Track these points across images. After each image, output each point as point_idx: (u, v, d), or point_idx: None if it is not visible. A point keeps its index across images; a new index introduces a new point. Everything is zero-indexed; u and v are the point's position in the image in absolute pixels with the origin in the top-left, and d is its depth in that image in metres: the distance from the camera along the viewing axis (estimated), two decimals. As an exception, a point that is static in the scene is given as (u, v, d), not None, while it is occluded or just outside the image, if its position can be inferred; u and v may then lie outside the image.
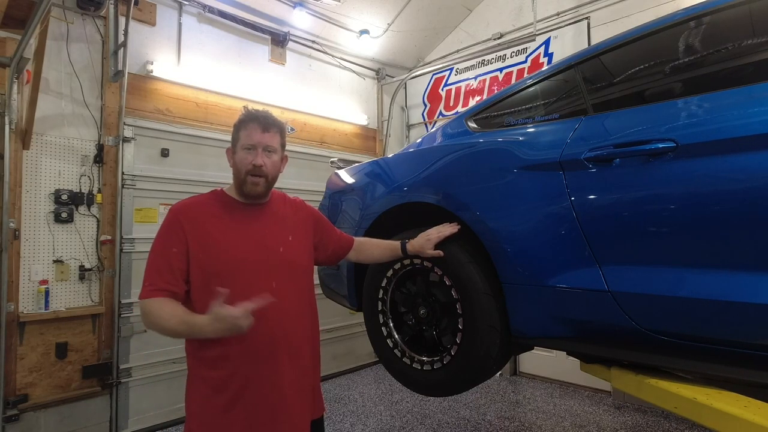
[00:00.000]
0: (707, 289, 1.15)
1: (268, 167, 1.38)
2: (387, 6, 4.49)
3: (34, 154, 2.94)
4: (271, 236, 1.41)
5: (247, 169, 1.36)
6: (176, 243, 1.30)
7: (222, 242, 1.32)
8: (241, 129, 1.40)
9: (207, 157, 3.77)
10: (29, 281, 2.90)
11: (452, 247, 1.66)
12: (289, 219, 1.50)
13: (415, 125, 5.36)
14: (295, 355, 1.38)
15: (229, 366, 1.28)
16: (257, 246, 1.36)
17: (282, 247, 1.41)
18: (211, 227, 1.34)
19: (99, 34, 3.25)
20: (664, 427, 3.21)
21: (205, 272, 1.29)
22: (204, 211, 1.37)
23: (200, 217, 1.35)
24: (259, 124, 1.38)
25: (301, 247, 1.49)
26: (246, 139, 1.38)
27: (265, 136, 1.38)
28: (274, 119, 1.42)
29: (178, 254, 1.29)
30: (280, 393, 1.32)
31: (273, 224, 1.45)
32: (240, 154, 1.38)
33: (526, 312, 1.52)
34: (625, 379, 1.36)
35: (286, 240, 1.44)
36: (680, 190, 1.21)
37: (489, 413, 3.56)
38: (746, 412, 1.03)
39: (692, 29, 1.37)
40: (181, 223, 1.32)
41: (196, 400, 1.31)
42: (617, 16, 3.67)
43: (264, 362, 1.30)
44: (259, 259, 1.35)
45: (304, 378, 1.41)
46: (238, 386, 1.28)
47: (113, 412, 3.18)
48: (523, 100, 1.78)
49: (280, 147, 1.44)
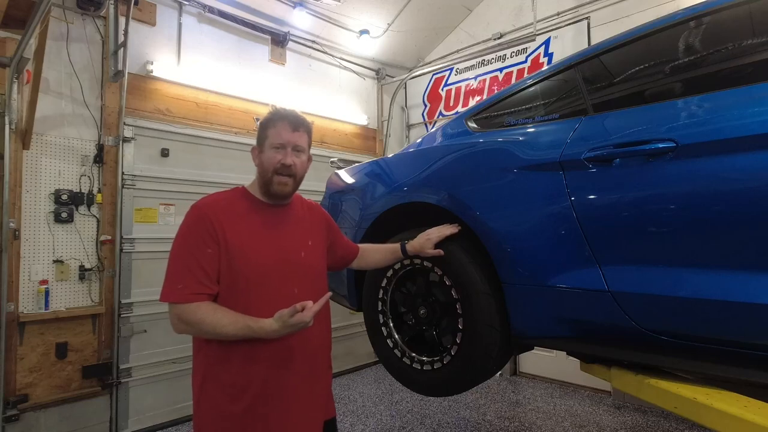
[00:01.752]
0: (707, 289, 1.15)
1: (297, 167, 1.35)
2: (387, 6, 4.49)
3: (34, 154, 2.94)
4: (294, 240, 1.39)
5: (275, 168, 1.33)
6: (210, 243, 1.24)
7: (252, 246, 1.29)
8: (269, 127, 1.35)
9: (207, 157, 3.77)
10: (29, 281, 2.90)
11: (452, 247, 1.66)
12: (307, 221, 1.48)
13: (415, 125, 5.36)
14: (312, 360, 1.36)
15: (247, 372, 1.25)
16: (282, 251, 1.34)
17: (303, 251, 1.39)
18: (240, 228, 1.29)
19: (99, 34, 3.25)
20: (664, 427, 3.21)
21: (234, 275, 1.25)
22: (231, 211, 1.32)
23: (229, 216, 1.30)
24: (288, 122, 1.34)
25: (318, 251, 1.47)
26: (275, 137, 1.33)
27: (294, 135, 1.34)
28: (303, 119, 1.39)
29: (213, 255, 1.23)
30: (297, 400, 1.30)
31: (295, 227, 1.43)
32: (268, 152, 1.34)
33: (526, 312, 1.52)
34: (625, 379, 1.36)
35: (306, 244, 1.42)
36: (680, 190, 1.21)
37: (489, 413, 3.56)
38: (746, 412, 1.03)
39: (692, 29, 1.37)
40: (212, 221, 1.26)
41: (211, 407, 1.26)
42: (617, 16, 3.67)
43: (282, 368, 1.29)
44: (284, 264, 1.32)
45: (318, 383, 1.40)
46: (255, 392, 1.25)
47: (113, 412, 3.18)
48: (523, 100, 1.78)
49: (308, 147, 1.41)
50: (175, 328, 1.23)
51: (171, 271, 1.24)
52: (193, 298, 1.20)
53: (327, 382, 1.47)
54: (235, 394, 1.24)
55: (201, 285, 1.21)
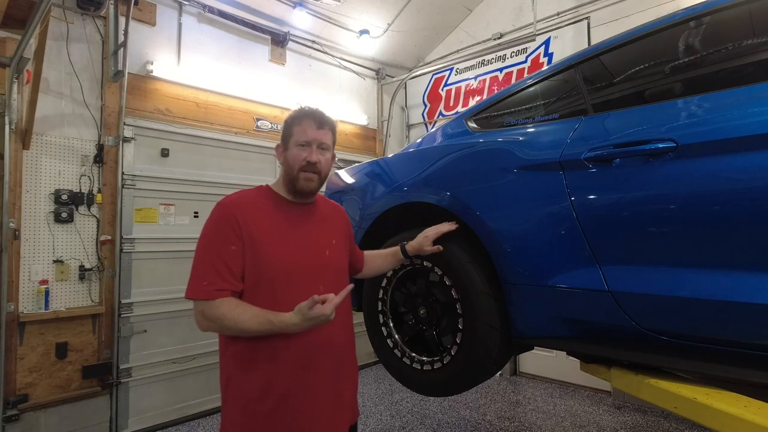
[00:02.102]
0: (707, 289, 1.15)
1: (322, 164, 1.35)
2: (387, 6, 4.49)
3: (34, 154, 2.94)
4: (319, 238, 1.39)
5: (301, 165, 1.32)
6: (234, 240, 1.24)
7: (277, 244, 1.28)
8: (294, 125, 1.35)
9: (207, 157, 3.77)
10: (29, 281, 2.90)
11: (452, 247, 1.66)
12: (331, 221, 1.48)
13: (415, 125, 5.36)
14: (338, 361, 1.35)
15: (272, 371, 1.24)
16: (307, 249, 1.34)
17: (328, 249, 1.39)
18: (265, 226, 1.29)
19: (99, 34, 3.24)
20: (664, 427, 3.21)
21: (259, 273, 1.25)
22: (256, 208, 1.32)
23: (254, 214, 1.29)
24: (313, 120, 1.34)
25: (342, 251, 1.47)
26: (300, 135, 1.34)
27: (320, 133, 1.34)
28: (327, 117, 1.39)
29: (237, 252, 1.23)
30: (322, 400, 1.29)
31: (320, 226, 1.42)
32: (293, 150, 1.34)
33: (526, 312, 1.52)
34: (625, 379, 1.36)
35: (331, 243, 1.41)
36: (680, 190, 1.21)
37: (489, 413, 3.56)
38: (746, 412, 1.03)
39: (692, 29, 1.37)
40: (237, 219, 1.25)
41: (237, 406, 1.26)
42: (617, 16, 3.67)
43: (307, 369, 1.27)
44: (309, 263, 1.32)
45: (344, 384, 1.38)
46: (280, 392, 1.24)
47: (113, 412, 3.18)
48: (523, 100, 1.78)
49: (332, 145, 1.41)
50: (199, 325, 1.23)
51: (196, 268, 1.24)
52: (216, 294, 1.19)
53: (353, 382, 1.45)
54: (260, 393, 1.23)
55: (224, 281, 1.21)
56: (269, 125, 4.22)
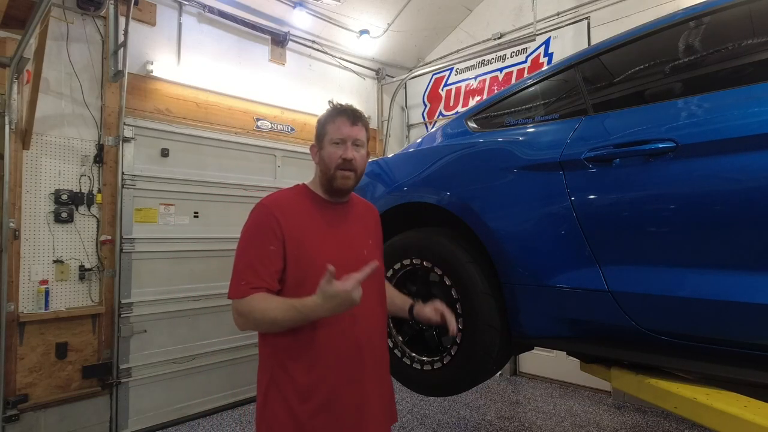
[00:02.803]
0: (707, 289, 1.15)
1: (357, 161, 1.33)
2: (387, 6, 4.49)
3: (34, 154, 2.94)
4: (356, 238, 1.38)
5: (336, 163, 1.30)
6: (273, 240, 1.24)
7: (316, 244, 1.28)
8: (328, 123, 1.34)
9: (207, 157, 3.77)
10: (29, 281, 2.90)
11: (452, 247, 1.66)
12: (365, 220, 1.46)
13: (415, 125, 5.36)
14: (378, 361, 1.34)
15: (316, 372, 1.23)
16: (346, 249, 1.33)
17: (365, 249, 1.38)
18: (305, 226, 1.29)
19: (99, 34, 3.24)
20: (664, 427, 3.21)
21: (301, 274, 1.24)
22: (297, 209, 1.31)
23: (295, 214, 1.29)
24: (347, 117, 1.33)
25: (378, 251, 1.46)
26: (335, 132, 1.32)
27: (354, 129, 1.33)
28: (360, 113, 1.38)
29: (276, 252, 1.23)
30: (366, 401, 1.28)
31: (357, 225, 1.41)
32: (328, 148, 1.32)
33: (526, 312, 1.52)
34: (625, 379, 1.36)
35: (368, 243, 1.40)
36: (680, 190, 1.21)
37: (489, 413, 3.56)
38: (746, 412, 1.03)
39: (692, 29, 1.37)
40: (277, 219, 1.25)
41: (280, 409, 1.23)
42: (617, 16, 3.67)
43: (350, 368, 1.26)
44: (349, 263, 1.28)
45: (384, 385, 1.37)
46: (325, 393, 1.23)
47: (113, 412, 3.18)
48: (523, 100, 1.78)
49: (366, 141, 1.38)
50: (236, 324, 1.24)
51: (236, 269, 1.25)
52: (250, 292, 1.20)
53: (391, 385, 1.44)
54: (302, 393, 1.22)
55: (260, 280, 1.21)
56: (269, 125, 4.22)
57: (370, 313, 1.33)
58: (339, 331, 1.25)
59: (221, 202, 3.81)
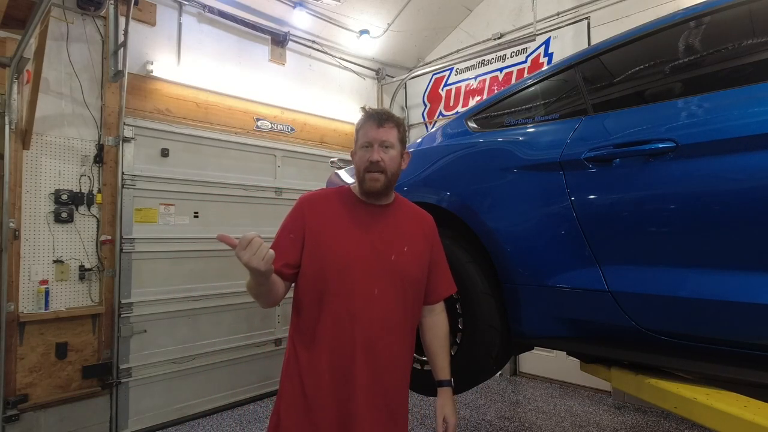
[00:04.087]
0: (707, 289, 1.15)
1: (385, 162, 1.33)
2: (387, 6, 4.49)
3: (34, 154, 2.94)
4: (386, 241, 1.36)
5: (365, 166, 1.34)
6: (295, 230, 1.34)
7: (336, 240, 1.32)
8: (359, 129, 1.40)
9: (207, 157, 3.77)
10: (29, 281, 2.90)
11: (452, 247, 1.66)
12: (409, 229, 1.42)
13: (415, 125, 5.36)
14: (378, 368, 1.29)
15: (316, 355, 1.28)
16: (370, 249, 1.33)
17: (394, 254, 1.35)
18: (330, 223, 1.35)
19: (99, 34, 3.24)
20: (664, 427, 3.21)
21: (315, 266, 1.30)
22: (327, 206, 1.38)
23: (323, 210, 1.37)
24: (374, 120, 1.36)
25: (416, 260, 1.39)
26: (362, 137, 1.37)
27: (380, 132, 1.34)
28: (390, 114, 1.39)
29: (294, 241, 1.32)
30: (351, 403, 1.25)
31: (391, 229, 1.39)
32: (359, 153, 1.38)
33: (526, 312, 1.52)
34: (625, 379, 1.36)
35: (401, 249, 1.37)
36: (680, 190, 1.21)
37: (489, 413, 3.56)
38: (746, 412, 1.03)
39: (692, 29, 1.37)
40: (304, 212, 1.35)
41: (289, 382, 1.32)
42: (617, 16, 3.67)
43: (341, 370, 1.26)
44: (368, 263, 1.31)
45: (382, 397, 1.30)
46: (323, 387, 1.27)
47: (113, 412, 3.18)
48: (523, 100, 1.78)
49: (398, 142, 1.38)
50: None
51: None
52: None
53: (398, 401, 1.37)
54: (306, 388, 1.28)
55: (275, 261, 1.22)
56: (269, 125, 4.22)
57: (380, 318, 1.30)
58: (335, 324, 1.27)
59: (221, 202, 3.81)
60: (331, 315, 1.27)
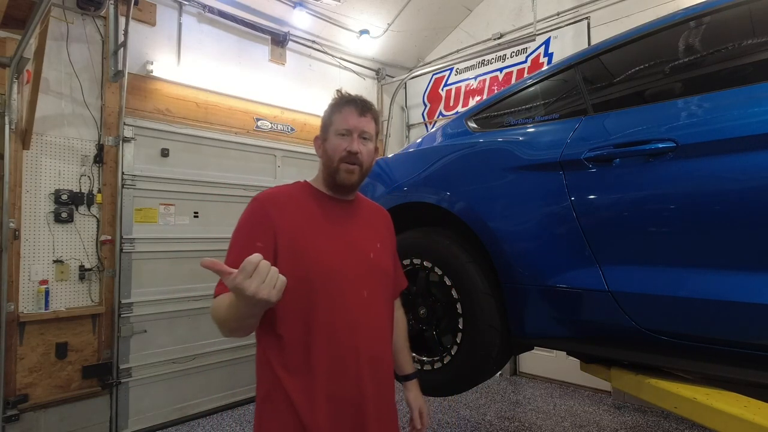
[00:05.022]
0: (707, 289, 1.15)
1: (363, 155, 1.22)
2: (387, 6, 4.49)
3: (34, 154, 2.94)
4: (362, 239, 1.26)
5: (341, 156, 1.20)
6: (261, 236, 1.11)
7: (317, 242, 1.16)
8: (335, 113, 1.24)
9: (207, 157, 3.77)
10: (29, 281, 2.90)
11: (453, 247, 1.66)
12: (374, 223, 1.34)
13: (415, 125, 5.36)
14: (379, 369, 1.21)
15: (311, 378, 1.10)
16: (350, 250, 1.21)
17: (372, 252, 1.25)
18: (303, 223, 1.17)
19: (99, 34, 3.24)
20: (664, 427, 3.21)
21: (295, 277, 1.08)
22: (294, 204, 1.20)
23: (291, 210, 1.18)
24: (355, 107, 1.23)
25: (387, 255, 1.32)
26: (341, 123, 1.22)
27: (362, 121, 1.22)
28: (370, 103, 1.27)
29: (263, 249, 1.05)
30: (363, 410, 1.15)
31: (363, 226, 1.29)
32: (333, 140, 1.22)
33: (526, 312, 1.52)
34: (625, 379, 1.36)
35: (375, 246, 1.28)
36: (680, 190, 1.21)
37: (489, 413, 3.56)
38: (746, 412, 1.03)
39: (692, 29, 1.37)
40: (269, 214, 1.14)
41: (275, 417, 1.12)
42: (617, 16, 3.67)
43: (348, 377, 1.14)
44: (352, 266, 1.19)
45: (385, 394, 1.23)
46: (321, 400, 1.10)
47: (113, 412, 3.18)
48: (523, 100, 1.78)
49: (375, 135, 1.27)
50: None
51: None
52: (222, 290, 1.06)
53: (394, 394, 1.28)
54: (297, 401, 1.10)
55: None
56: (269, 125, 4.22)
57: (375, 321, 1.21)
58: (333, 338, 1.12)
59: (221, 202, 3.81)
60: (325, 329, 1.11)
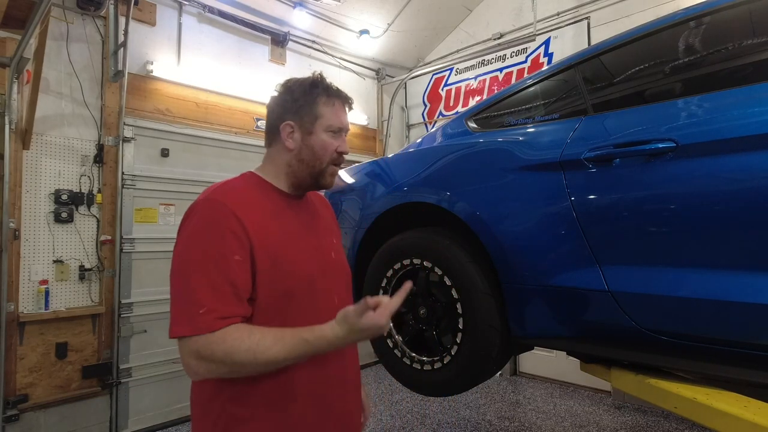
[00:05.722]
0: (707, 289, 1.15)
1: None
2: (387, 6, 4.49)
3: (34, 154, 2.94)
4: (324, 239, 1.13)
5: (331, 157, 1.06)
6: (237, 248, 0.91)
7: (291, 254, 1.00)
8: (325, 105, 1.06)
9: (207, 157, 3.77)
10: (29, 281, 2.90)
11: (453, 247, 1.66)
12: (323, 216, 1.21)
13: (415, 125, 5.36)
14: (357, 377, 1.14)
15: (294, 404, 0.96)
16: (319, 254, 1.07)
17: (333, 251, 1.13)
18: (273, 229, 0.99)
19: (99, 34, 3.24)
20: (664, 427, 3.21)
21: (276, 291, 0.96)
22: (257, 205, 1.00)
23: (257, 213, 0.98)
24: (343, 102, 1.10)
25: (341, 250, 1.21)
26: (333, 119, 1.06)
27: (347, 118, 1.11)
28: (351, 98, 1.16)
29: (242, 263, 0.91)
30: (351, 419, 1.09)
31: (320, 224, 1.16)
32: (322, 136, 1.05)
33: (526, 312, 1.52)
34: (625, 379, 1.36)
35: (332, 243, 1.16)
36: (680, 190, 1.21)
37: (489, 413, 3.56)
38: (746, 412, 1.03)
39: (692, 29, 1.37)
40: (239, 220, 0.93)
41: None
42: (617, 16, 3.67)
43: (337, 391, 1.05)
44: (323, 273, 1.06)
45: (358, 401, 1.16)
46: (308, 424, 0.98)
47: (113, 412, 3.18)
48: (523, 100, 1.78)
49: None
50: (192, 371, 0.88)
51: (184, 292, 0.89)
52: (219, 324, 0.86)
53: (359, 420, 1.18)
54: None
55: (230, 305, 0.89)
56: (269, 125, 4.22)
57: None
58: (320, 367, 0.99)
59: (221, 202, 3.81)
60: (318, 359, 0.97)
